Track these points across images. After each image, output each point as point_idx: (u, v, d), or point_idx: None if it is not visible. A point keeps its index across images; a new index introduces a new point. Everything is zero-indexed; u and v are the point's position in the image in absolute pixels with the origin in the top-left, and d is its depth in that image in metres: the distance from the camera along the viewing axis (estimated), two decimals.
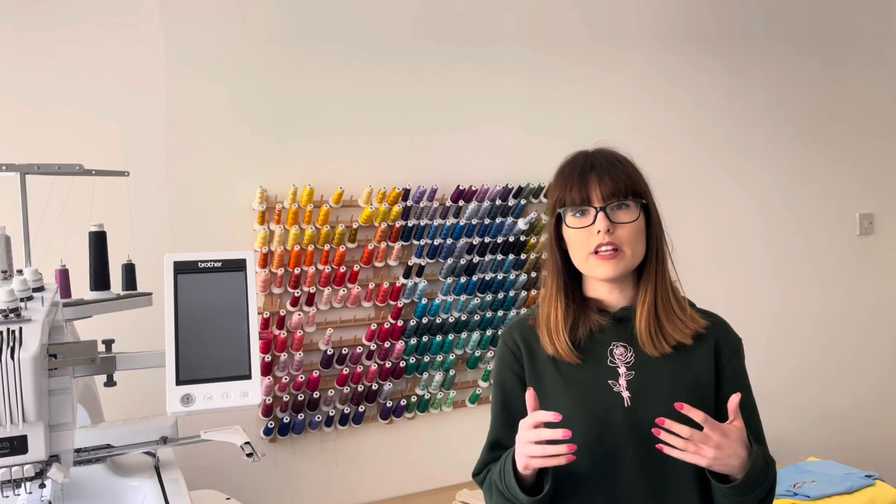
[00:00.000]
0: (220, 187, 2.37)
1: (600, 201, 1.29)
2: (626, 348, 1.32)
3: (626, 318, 1.34)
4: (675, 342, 1.30)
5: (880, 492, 2.44)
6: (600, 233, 1.27)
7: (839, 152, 3.49)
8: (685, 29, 3.14)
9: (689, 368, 1.31)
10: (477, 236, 2.65)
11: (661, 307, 1.32)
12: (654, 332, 1.30)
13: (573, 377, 1.32)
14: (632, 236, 1.29)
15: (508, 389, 1.39)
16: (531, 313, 1.43)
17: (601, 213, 1.28)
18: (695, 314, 1.35)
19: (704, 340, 1.33)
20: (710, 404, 1.30)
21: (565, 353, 1.31)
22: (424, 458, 2.66)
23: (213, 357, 1.22)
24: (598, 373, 1.31)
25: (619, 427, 1.27)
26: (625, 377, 1.30)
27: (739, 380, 1.35)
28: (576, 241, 1.31)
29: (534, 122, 2.82)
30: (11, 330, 1.02)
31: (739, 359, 1.36)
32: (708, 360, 1.32)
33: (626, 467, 1.27)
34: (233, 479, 2.28)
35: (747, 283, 3.26)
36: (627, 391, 1.29)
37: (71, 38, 2.20)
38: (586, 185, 1.30)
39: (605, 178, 1.29)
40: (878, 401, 3.57)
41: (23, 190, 1.56)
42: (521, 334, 1.40)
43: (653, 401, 1.27)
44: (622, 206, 1.29)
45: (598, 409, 1.29)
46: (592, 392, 1.30)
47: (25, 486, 1.06)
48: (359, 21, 2.55)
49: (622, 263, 1.29)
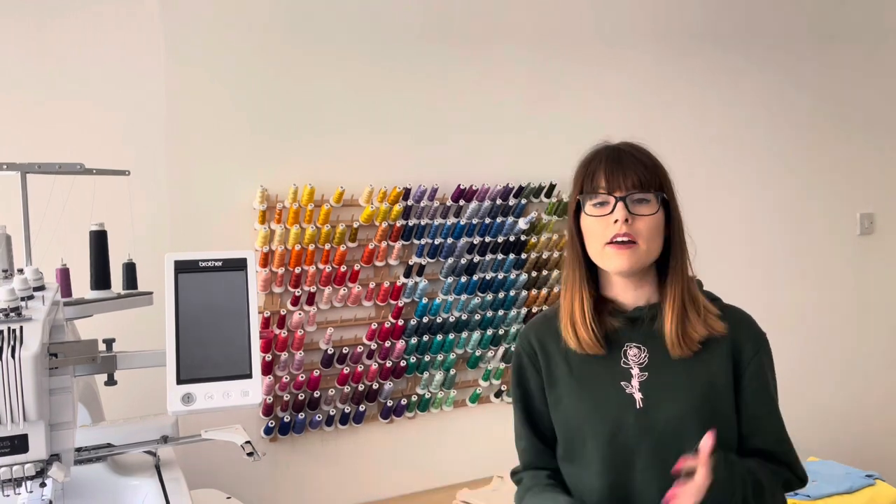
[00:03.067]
0: (220, 186, 2.37)
1: (621, 191, 1.27)
2: (641, 349, 1.31)
3: (640, 319, 1.32)
4: (695, 345, 1.28)
5: (880, 492, 2.44)
6: (618, 222, 1.25)
7: (840, 152, 3.48)
8: (686, 29, 3.14)
9: (705, 370, 1.29)
10: (477, 236, 2.65)
11: (688, 307, 1.29)
12: (682, 332, 1.28)
13: (586, 378, 1.32)
14: (649, 230, 1.27)
15: (530, 391, 1.39)
16: (549, 313, 1.41)
17: (620, 203, 1.26)
18: (712, 316, 1.31)
19: (723, 341, 1.30)
20: (726, 406, 1.28)
21: (588, 344, 1.29)
22: (425, 458, 2.66)
23: (213, 356, 1.22)
24: (611, 373, 1.30)
25: (630, 429, 1.26)
26: (637, 378, 1.29)
27: (760, 380, 1.32)
28: (593, 231, 1.29)
29: (535, 122, 2.82)
30: (12, 329, 1.02)
31: (761, 357, 1.32)
32: (726, 362, 1.30)
33: (639, 469, 1.26)
34: (233, 478, 2.28)
35: (747, 283, 3.25)
36: (640, 392, 1.28)
37: (71, 38, 2.20)
38: (609, 174, 1.28)
39: (629, 169, 1.28)
40: (879, 400, 3.57)
41: (23, 189, 1.56)
42: (536, 336, 1.39)
43: (665, 403, 1.26)
44: (643, 200, 1.28)
45: (609, 410, 1.28)
46: (605, 393, 1.29)
47: (26, 485, 1.06)
48: (360, 21, 2.55)
49: (636, 256, 1.26)
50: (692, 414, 1.25)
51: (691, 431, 1.22)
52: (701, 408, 1.26)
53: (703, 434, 1.17)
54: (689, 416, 1.25)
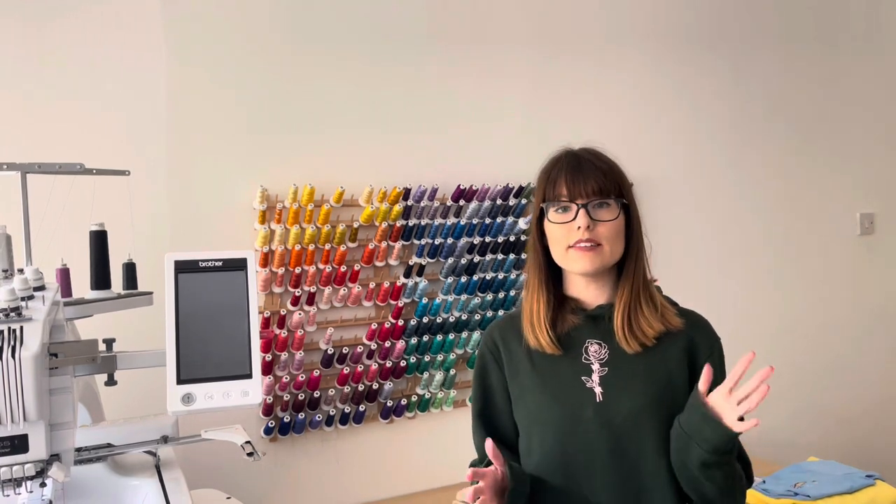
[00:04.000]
0: (220, 186, 2.37)
1: (583, 198, 1.32)
2: (601, 345, 1.36)
3: (600, 316, 1.37)
4: (649, 339, 1.33)
5: (881, 492, 2.43)
6: (580, 229, 1.31)
7: (840, 152, 3.49)
8: (686, 29, 3.14)
9: (662, 366, 1.34)
10: (477, 236, 2.65)
11: (637, 305, 1.34)
12: (629, 328, 1.33)
13: (548, 373, 1.36)
14: (611, 234, 1.32)
15: (492, 387, 1.43)
16: (513, 313, 1.47)
17: (582, 210, 1.31)
18: (670, 313, 1.37)
19: (680, 339, 1.36)
20: (683, 401, 1.31)
21: (546, 344, 1.35)
22: (424, 458, 2.66)
23: (213, 356, 1.22)
24: (572, 369, 1.35)
25: (590, 422, 1.30)
26: (598, 373, 1.34)
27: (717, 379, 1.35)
28: (556, 236, 1.35)
29: (535, 122, 2.82)
30: (12, 329, 1.02)
31: (716, 358, 1.37)
32: (682, 359, 1.35)
33: (599, 461, 1.30)
34: (233, 478, 2.28)
35: (748, 283, 3.26)
36: (599, 387, 1.32)
37: (72, 38, 2.20)
38: (570, 182, 1.33)
39: (589, 177, 1.33)
40: (879, 401, 3.57)
41: (23, 189, 1.56)
42: (499, 334, 1.44)
43: (624, 396, 1.30)
44: (603, 205, 1.33)
45: (570, 403, 1.32)
46: (566, 387, 1.34)
47: (26, 485, 1.06)
48: (360, 20, 2.55)
49: (599, 258, 1.32)
50: (650, 407, 1.30)
51: (649, 424, 1.28)
52: (659, 401, 1.31)
53: (660, 427, 1.25)
54: (647, 409, 1.30)
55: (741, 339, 1.97)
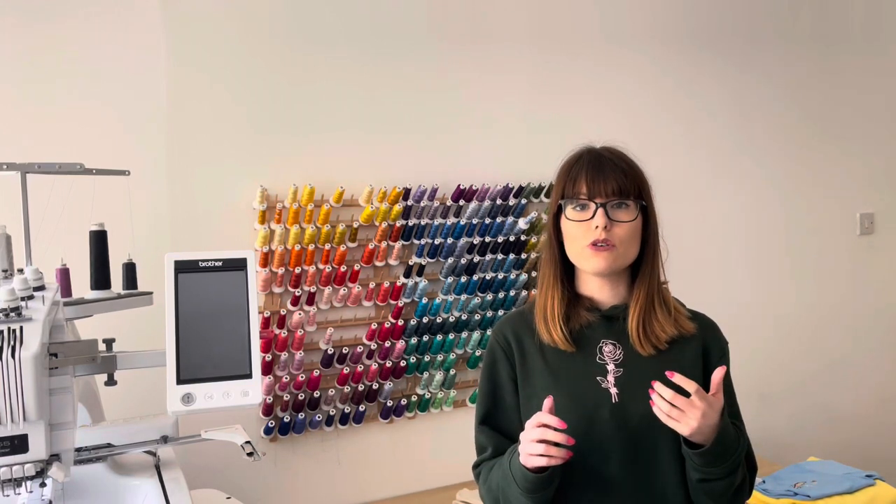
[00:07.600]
0: (220, 186, 2.37)
1: (602, 198, 1.31)
2: (616, 346, 1.35)
3: (615, 317, 1.36)
4: (662, 343, 1.33)
5: (881, 492, 2.43)
6: (598, 228, 1.30)
7: (840, 152, 3.48)
8: (687, 29, 3.14)
9: (677, 367, 1.32)
10: (477, 236, 2.65)
11: (651, 308, 1.34)
12: (643, 331, 1.33)
13: (562, 372, 1.35)
14: (627, 235, 1.32)
15: (500, 383, 1.41)
16: (524, 308, 1.45)
17: (601, 210, 1.30)
18: (682, 317, 1.37)
19: (693, 342, 1.36)
20: None
21: (560, 340, 1.34)
22: (424, 458, 2.66)
23: (213, 356, 1.22)
24: (586, 368, 1.34)
25: (606, 423, 1.30)
26: (613, 374, 1.33)
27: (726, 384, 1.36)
28: (573, 234, 1.34)
29: (535, 122, 2.82)
30: (12, 329, 1.02)
31: (726, 362, 1.38)
32: (696, 361, 1.35)
33: (614, 462, 1.29)
34: (233, 478, 2.29)
35: (748, 283, 3.26)
36: (615, 387, 1.32)
37: (72, 38, 2.19)
38: (590, 180, 1.32)
39: (609, 176, 1.32)
40: (878, 400, 3.57)
41: (23, 189, 1.56)
42: (512, 330, 1.42)
43: (640, 398, 1.29)
44: (622, 206, 1.32)
45: (585, 404, 1.31)
46: (581, 387, 1.33)
47: (26, 485, 1.06)
48: (360, 20, 2.55)
49: (613, 258, 1.31)
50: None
51: (664, 427, 1.26)
52: None
53: (674, 431, 1.23)
54: None
55: (741, 339, 1.98)
